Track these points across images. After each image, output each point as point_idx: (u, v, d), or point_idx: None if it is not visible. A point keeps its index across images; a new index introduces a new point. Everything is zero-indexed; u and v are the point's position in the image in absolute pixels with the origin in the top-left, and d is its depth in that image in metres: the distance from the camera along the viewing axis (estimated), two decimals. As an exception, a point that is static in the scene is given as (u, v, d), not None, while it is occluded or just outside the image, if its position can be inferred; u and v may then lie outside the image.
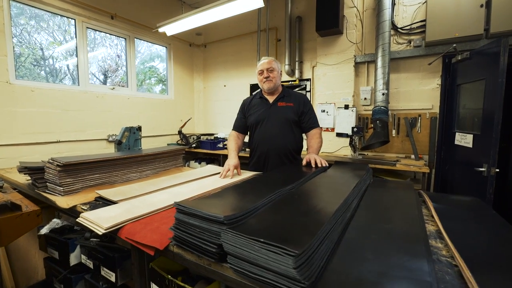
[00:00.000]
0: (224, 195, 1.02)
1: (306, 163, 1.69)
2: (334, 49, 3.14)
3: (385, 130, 2.71)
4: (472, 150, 2.22)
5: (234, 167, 1.72)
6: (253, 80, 4.04)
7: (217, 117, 4.55)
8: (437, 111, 2.76)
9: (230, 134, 2.07)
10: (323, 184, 1.27)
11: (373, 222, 0.88)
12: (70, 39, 3.18)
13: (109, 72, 3.74)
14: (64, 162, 1.32)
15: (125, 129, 2.37)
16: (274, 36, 3.72)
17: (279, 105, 1.94)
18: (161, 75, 4.40)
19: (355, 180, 1.28)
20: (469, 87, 2.40)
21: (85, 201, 1.24)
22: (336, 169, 1.61)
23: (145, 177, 1.78)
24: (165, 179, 1.61)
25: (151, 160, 1.86)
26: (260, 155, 1.95)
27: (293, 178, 1.37)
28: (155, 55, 4.29)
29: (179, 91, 4.37)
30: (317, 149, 1.82)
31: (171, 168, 2.03)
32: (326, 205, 0.90)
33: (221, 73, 4.42)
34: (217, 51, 4.42)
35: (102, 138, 3.28)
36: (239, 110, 2.12)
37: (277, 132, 1.90)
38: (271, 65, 1.91)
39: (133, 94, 3.74)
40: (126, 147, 2.36)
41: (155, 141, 3.93)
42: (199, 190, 1.36)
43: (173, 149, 2.02)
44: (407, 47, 2.85)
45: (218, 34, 4.35)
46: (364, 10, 3.05)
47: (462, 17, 2.46)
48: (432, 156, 2.79)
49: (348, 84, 3.08)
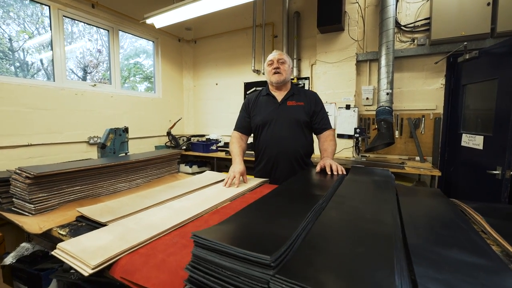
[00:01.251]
0: (248, 217, 0.81)
1: (321, 169, 1.52)
2: (334, 47, 3.00)
3: (390, 131, 2.60)
4: (483, 152, 2.15)
5: (240, 174, 1.51)
6: (248, 78, 3.83)
7: (208, 117, 4.30)
8: (441, 111, 2.69)
9: (232, 136, 1.85)
10: (355, 196, 1.09)
11: (437, 248, 0.70)
12: (44, 31, 2.82)
13: (89, 67, 3.39)
14: (35, 173, 1.05)
15: (109, 131, 2.08)
16: (271, 32, 3.53)
17: (289, 104, 1.75)
18: (147, 72, 4.08)
19: (388, 191, 1.11)
20: (477, 87, 2.33)
21: (64, 222, 0.99)
22: (357, 175, 1.44)
23: (136, 186, 1.53)
24: (161, 190, 1.37)
25: (143, 167, 1.61)
26: (268, 160, 1.76)
27: (317, 189, 1.18)
28: (140, 50, 3.98)
29: (167, 89, 4.08)
30: (332, 153, 1.65)
31: (165, 176, 1.78)
32: (384, 228, 0.72)
33: (213, 70, 4.18)
34: (208, 47, 4.17)
35: (82, 140, 2.94)
36: (241, 108, 1.91)
37: (287, 134, 1.71)
38: (282, 57, 1.73)
39: (117, 91, 3.41)
40: (111, 152, 2.08)
41: (142, 143, 3.63)
42: (205, 204, 1.14)
43: (168, 154, 1.77)
44: (410, 45, 2.77)
45: (209, 29, 4.10)
46: (366, 6, 2.94)
47: (468, 15, 2.39)
48: (436, 157, 2.71)
49: (349, 83, 2.96)
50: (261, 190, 1.45)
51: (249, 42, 3.70)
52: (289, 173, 1.73)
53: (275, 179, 1.71)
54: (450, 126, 2.65)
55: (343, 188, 1.18)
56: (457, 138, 2.53)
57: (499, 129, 1.97)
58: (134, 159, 1.52)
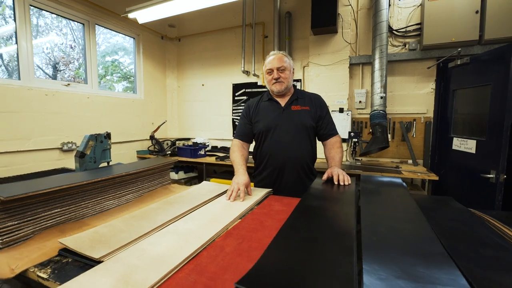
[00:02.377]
0: (290, 252, 0.68)
1: (328, 178, 1.43)
2: (328, 49, 2.95)
3: (384, 135, 2.60)
4: (475, 156, 2.20)
5: (244, 185, 1.38)
6: (236, 79, 3.69)
7: (194, 120, 4.08)
8: (432, 115, 2.74)
9: (233, 144, 1.70)
10: (384, 213, 0.99)
11: (496, 276, 0.62)
12: (4, 22, 2.46)
13: (60, 64, 3.05)
14: (2, 198, 0.83)
15: (89, 137, 1.83)
16: (261, 32, 3.42)
17: (293, 109, 1.64)
18: (125, 71, 3.78)
19: (411, 204, 1.04)
20: (467, 92, 2.39)
21: (43, 258, 0.79)
22: (371, 186, 1.36)
23: (126, 203, 1.33)
24: (157, 208, 1.19)
25: (133, 180, 1.41)
26: (273, 169, 1.63)
27: (341, 206, 1.08)
28: (118, 47, 3.67)
29: (149, 90, 3.81)
30: (339, 161, 1.56)
31: (158, 188, 1.59)
32: (436, 247, 0.62)
33: (199, 70, 3.97)
34: (194, 46, 3.96)
35: (54, 147, 2.61)
36: (242, 115, 1.77)
37: (293, 141, 1.59)
38: (282, 64, 1.59)
39: (94, 92, 3.10)
40: (91, 161, 1.83)
41: (122, 148, 3.33)
42: (213, 225, 0.99)
43: (161, 164, 1.58)
44: (402, 50, 2.79)
45: (195, 27, 3.90)
46: (358, 9, 2.93)
47: (458, 22, 2.45)
48: (427, 160, 2.76)
49: (343, 86, 2.92)
50: (269, 204, 1.32)
51: (238, 42, 3.56)
52: (295, 183, 1.62)
53: (279, 189, 1.60)
54: (440, 129, 2.70)
55: (367, 204, 1.09)
56: (447, 141, 2.58)
57: (493, 134, 2.02)
58: (125, 172, 1.32)
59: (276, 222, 1.06)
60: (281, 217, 1.13)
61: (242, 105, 3.67)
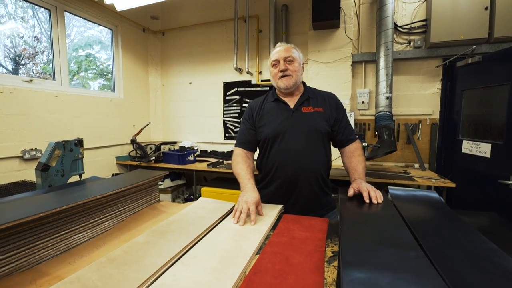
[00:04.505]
0: None
1: (354, 194, 1.18)
2: (328, 45, 2.74)
3: (392, 138, 2.42)
4: (491, 160, 2.07)
5: (255, 205, 1.11)
6: (228, 77, 3.39)
7: (180, 122, 3.72)
8: (438, 117, 2.61)
9: (235, 154, 1.42)
10: (448, 242, 0.76)
11: None
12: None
13: (23, 57, 2.60)
14: None
15: (54, 146, 1.47)
16: (255, 26, 3.15)
17: (305, 111, 1.39)
18: (102, 67, 3.36)
19: (462, 226, 0.83)
20: (478, 92, 2.26)
21: None
22: (408, 204, 1.14)
23: (102, 232, 1.01)
24: (146, 243, 0.88)
25: (112, 202, 1.09)
26: (282, 183, 1.37)
27: (395, 235, 0.83)
28: (94, 39, 3.25)
29: (130, 89, 3.41)
30: (363, 172, 1.32)
31: (144, 209, 1.27)
32: None
33: (185, 67, 3.63)
34: (180, 41, 3.61)
35: (12, 155, 2.18)
36: (243, 118, 1.50)
37: (305, 149, 1.34)
38: (290, 54, 1.35)
39: (64, 90, 2.68)
40: (57, 174, 1.47)
41: (98, 155, 2.92)
42: (227, 269, 0.71)
43: (148, 179, 1.26)
44: (406, 47, 2.64)
45: (180, 19, 3.55)
46: (360, 3, 2.74)
47: (466, 19, 2.32)
48: (433, 164, 2.63)
49: (345, 85, 2.72)
50: (287, 228, 1.06)
51: (230, 37, 3.27)
52: (308, 199, 1.37)
53: (290, 206, 1.34)
54: (447, 132, 2.58)
55: (422, 232, 0.85)
56: (455, 144, 2.46)
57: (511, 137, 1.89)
58: (101, 195, 0.99)
59: (306, 257, 0.81)
60: (309, 249, 0.87)
61: (235, 105, 3.38)
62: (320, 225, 1.11)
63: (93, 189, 1.09)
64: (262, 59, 3.17)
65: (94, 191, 1.05)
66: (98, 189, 1.08)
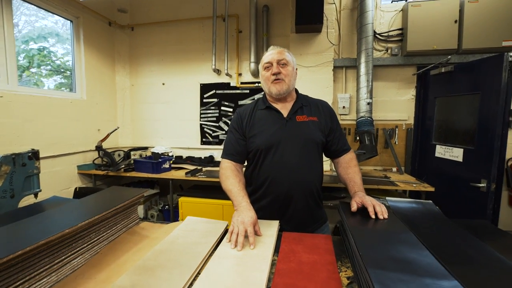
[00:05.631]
0: None
1: (358, 208, 1.12)
2: (310, 49, 2.72)
3: (373, 143, 2.47)
4: (463, 164, 2.19)
5: (252, 225, 1.00)
6: (205, 78, 3.20)
7: (152, 125, 3.43)
8: (412, 122, 2.73)
9: (223, 167, 1.29)
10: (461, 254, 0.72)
11: None
12: None
13: (-45, 49, 2.15)
14: None
15: (1, 160, 1.19)
16: (235, 25, 3.01)
17: (299, 120, 1.30)
18: (58, 63, 2.95)
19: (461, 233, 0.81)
20: (451, 100, 2.40)
21: None
22: (412, 217, 1.11)
23: (71, 273, 0.81)
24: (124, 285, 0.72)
25: (84, 233, 0.89)
26: (275, 197, 1.28)
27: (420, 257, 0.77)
28: (48, 31, 2.83)
29: (94, 88, 3.04)
30: (362, 184, 1.28)
31: (122, 234, 1.08)
32: None
33: (158, 66, 3.35)
34: (151, 37, 3.32)
35: None
36: (231, 127, 1.38)
37: (301, 162, 1.26)
38: (283, 56, 1.27)
39: (12, 89, 2.28)
40: (5, 196, 1.19)
41: (56, 164, 2.55)
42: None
43: (128, 201, 1.07)
44: (384, 54, 2.72)
45: (152, 14, 3.27)
46: (341, 9, 2.76)
47: (439, 30, 2.45)
48: (408, 168, 2.74)
49: (327, 90, 2.72)
50: (291, 250, 0.98)
51: (207, 36, 3.09)
52: (303, 213, 1.29)
53: (284, 221, 1.25)
54: (420, 136, 2.70)
55: (443, 253, 0.81)
56: (428, 148, 2.59)
57: (483, 143, 2.02)
58: (70, 228, 0.79)
59: (322, 287, 0.72)
60: (322, 277, 0.79)
61: (212, 108, 3.21)
62: (325, 243, 1.03)
63: (56, 219, 0.88)
64: (242, 61, 3.05)
65: (58, 221, 0.84)
66: (63, 219, 0.87)
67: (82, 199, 1.08)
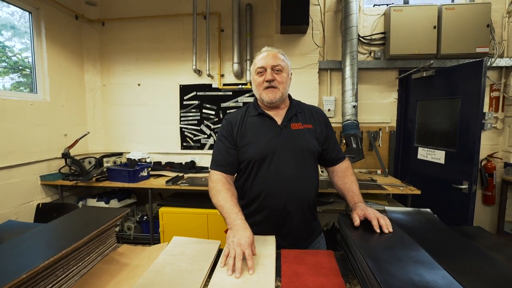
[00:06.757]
0: None
1: (361, 222, 1.06)
2: (295, 51, 2.66)
3: (359, 146, 2.47)
4: (445, 167, 2.25)
5: (250, 247, 0.90)
6: (185, 79, 3.02)
7: (127, 129, 3.17)
8: (395, 125, 2.78)
9: (213, 179, 1.17)
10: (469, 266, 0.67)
11: None
12: None
13: None
14: None
15: None
16: (216, 24, 2.86)
17: (294, 128, 1.22)
18: (15, 59, 2.61)
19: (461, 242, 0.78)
20: (432, 103, 2.46)
21: None
22: (415, 229, 1.07)
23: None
24: None
25: (49, 271, 0.72)
26: (271, 212, 1.19)
27: None
28: (2, 23, 2.48)
29: (59, 89, 2.73)
30: (360, 194, 1.22)
31: (97, 264, 0.92)
32: None
33: (132, 66, 3.11)
34: (125, 34, 3.07)
35: None
36: (220, 135, 1.27)
37: (298, 173, 1.18)
38: (279, 62, 1.18)
39: (-45, 89, 1.95)
40: None
41: (14, 176, 2.23)
42: None
43: (104, 226, 0.91)
44: (367, 57, 2.74)
45: (126, 8, 3.02)
46: (325, 11, 2.73)
47: (419, 35, 2.51)
48: (392, 169, 2.78)
49: (312, 93, 2.68)
50: (293, 271, 0.91)
51: (187, 34, 2.91)
52: (300, 227, 1.22)
53: (280, 236, 1.17)
54: (403, 139, 2.76)
55: (456, 269, 0.76)
56: (410, 151, 2.64)
57: (464, 146, 2.08)
58: (27, 272, 0.62)
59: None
60: None
61: (193, 111, 3.03)
62: (328, 261, 0.96)
63: (14, 256, 0.70)
64: (225, 61, 2.92)
65: (12, 263, 0.67)
66: (20, 256, 0.70)
67: (45, 226, 0.90)
